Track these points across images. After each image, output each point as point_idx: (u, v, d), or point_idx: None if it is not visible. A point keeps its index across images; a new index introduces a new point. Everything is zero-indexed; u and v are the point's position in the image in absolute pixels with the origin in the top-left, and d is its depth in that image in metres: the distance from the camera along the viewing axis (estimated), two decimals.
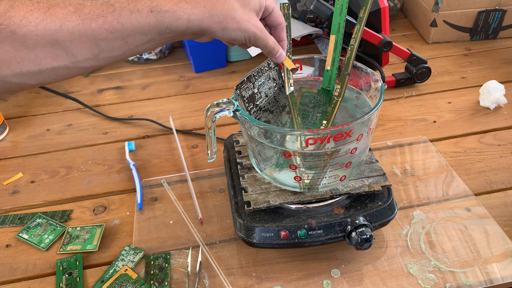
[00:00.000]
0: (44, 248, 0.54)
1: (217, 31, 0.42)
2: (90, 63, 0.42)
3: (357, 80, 0.51)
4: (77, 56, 0.40)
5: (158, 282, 0.49)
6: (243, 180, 0.52)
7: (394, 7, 1.07)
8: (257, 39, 0.44)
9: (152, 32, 0.41)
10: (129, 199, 0.62)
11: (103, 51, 0.41)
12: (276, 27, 0.48)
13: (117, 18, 0.40)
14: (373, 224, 0.48)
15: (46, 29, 0.38)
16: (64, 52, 0.40)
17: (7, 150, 0.73)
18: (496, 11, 0.93)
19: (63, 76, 0.42)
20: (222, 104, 0.45)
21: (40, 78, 0.41)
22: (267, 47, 0.46)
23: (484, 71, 0.87)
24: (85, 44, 0.40)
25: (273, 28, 0.48)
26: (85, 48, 0.40)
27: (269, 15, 0.47)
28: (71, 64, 0.41)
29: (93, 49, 0.40)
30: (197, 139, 0.73)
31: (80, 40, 0.39)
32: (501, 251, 0.51)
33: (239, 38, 0.43)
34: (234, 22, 0.42)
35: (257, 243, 0.47)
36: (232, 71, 0.92)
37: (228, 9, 0.42)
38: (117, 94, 0.86)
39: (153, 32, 0.41)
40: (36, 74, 0.40)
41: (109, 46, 0.41)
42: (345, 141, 0.43)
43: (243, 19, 0.43)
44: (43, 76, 0.41)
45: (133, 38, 0.41)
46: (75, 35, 0.39)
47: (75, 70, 0.42)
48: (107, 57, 0.42)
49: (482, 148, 0.67)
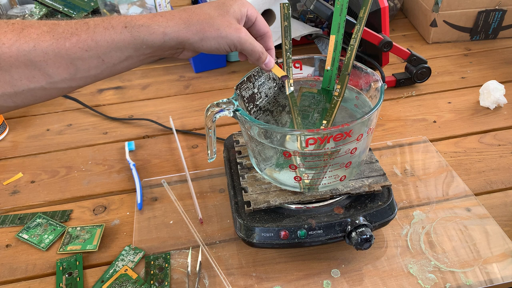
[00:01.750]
0: (44, 248, 0.54)
1: (196, 41, 0.41)
2: (68, 84, 0.41)
3: (357, 80, 0.51)
4: (53, 76, 0.39)
5: (158, 282, 0.49)
6: (243, 180, 0.52)
7: (394, 7, 1.07)
8: (243, 43, 0.42)
9: (128, 48, 0.40)
10: (129, 199, 0.62)
11: (80, 71, 0.40)
12: (262, 37, 0.46)
13: (91, 36, 0.39)
14: (373, 224, 0.48)
15: (19, 50, 0.37)
16: (39, 73, 0.39)
17: (7, 150, 0.73)
18: (496, 11, 0.93)
19: (41, 97, 0.41)
20: (222, 104, 0.45)
21: (17, 100, 0.40)
22: (255, 52, 0.44)
23: (484, 71, 0.87)
24: (61, 64, 0.39)
25: (259, 38, 0.46)
26: (61, 68, 0.39)
27: (252, 25, 0.45)
28: (47, 85, 0.40)
29: (69, 69, 0.39)
30: (197, 139, 0.73)
31: (55, 60, 0.38)
32: (501, 251, 0.51)
33: (222, 47, 0.42)
34: (213, 30, 0.41)
35: (257, 243, 0.47)
36: (232, 71, 0.92)
37: (205, 18, 0.41)
38: (117, 94, 0.86)
39: (129, 49, 0.40)
40: (12, 96, 0.39)
41: (85, 65, 0.40)
42: (345, 141, 0.43)
43: (223, 26, 0.41)
44: (20, 98, 0.40)
45: (109, 55, 0.40)
46: (49, 55, 0.38)
47: (53, 91, 0.41)
48: (85, 77, 0.41)
49: (482, 148, 0.67)
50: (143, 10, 0.94)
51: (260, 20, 0.45)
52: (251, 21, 0.45)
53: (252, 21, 0.45)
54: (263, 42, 0.47)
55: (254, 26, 0.46)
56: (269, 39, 0.47)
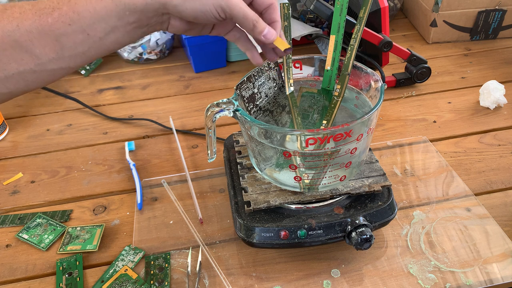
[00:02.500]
0: (44, 248, 0.54)
1: (179, 3, 0.38)
2: (57, 64, 0.40)
3: (357, 80, 0.51)
4: (40, 57, 0.39)
5: (158, 282, 0.49)
6: (243, 180, 0.52)
7: (394, 7, 1.07)
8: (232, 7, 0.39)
9: (112, 17, 0.38)
10: (129, 199, 0.62)
11: (66, 48, 0.39)
12: (266, 9, 0.43)
13: (73, 8, 0.38)
14: (373, 224, 0.48)
15: (3, 31, 0.37)
16: (27, 54, 0.38)
17: (7, 150, 0.73)
18: (496, 11, 0.93)
19: (33, 82, 0.41)
20: (222, 104, 0.45)
21: (9, 85, 0.40)
22: (248, 19, 0.40)
23: (484, 71, 0.87)
24: (46, 42, 0.38)
25: (264, 11, 0.44)
26: (47, 46, 0.38)
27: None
28: (37, 67, 0.39)
29: (55, 47, 0.39)
30: (197, 139, 0.73)
31: (40, 38, 0.38)
32: (501, 251, 0.51)
33: (208, 10, 0.39)
34: None
35: (257, 243, 0.47)
36: (232, 71, 0.92)
37: None
38: (117, 94, 0.86)
39: (113, 17, 0.39)
40: (4, 81, 0.39)
41: (71, 41, 0.39)
42: (345, 141, 0.43)
43: None
44: (12, 83, 0.40)
45: (94, 28, 0.39)
46: (34, 33, 0.37)
47: (44, 74, 0.40)
48: (73, 55, 0.40)
49: (482, 148, 0.67)
50: None
51: None
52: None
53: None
54: (267, 14, 0.44)
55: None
56: (274, 10, 0.44)
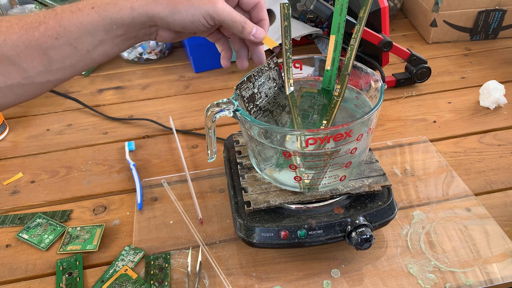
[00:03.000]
0: (44, 248, 0.54)
1: (167, 15, 0.38)
2: (45, 77, 0.40)
3: (357, 80, 0.51)
4: (28, 70, 0.38)
5: (158, 282, 0.49)
6: (243, 180, 0.52)
7: (394, 7, 1.07)
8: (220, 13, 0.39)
9: (98, 30, 0.38)
10: (129, 199, 0.62)
11: (54, 62, 0.39)
12: (253, 8, 0.44)
13: (59, 22, 0.38)
14: (373, 224, 0.48)
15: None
16: (14, 68, 0.38)
17: (7, 150, 0.73)
18: (496, 11, 0.93)
19: (22, 95, 0.40)
20: (222, 104, 0.45)
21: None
22: (236, 23, 0.40)
23: (484, 71, 0.87)
24: (33, 56, 0.38)
25: (251, 10, 0.44)
26: (35, 60, 0.38)
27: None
28: (24, 81, 0.39)
29: (43, 61, 0.38)
30: (197, 139, 0.73)
31: (27, 52, 0.38)
32: (501, 251, 0.51)
33: (196, 19, 0.39)
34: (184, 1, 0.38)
35: (257, 243, 0.47)
36: (232, 71, 0.92)
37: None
38: (117, 94, 0.86)
39: (99, 31, 0.38)
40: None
41: (59, 55, 0.39)
42: (345, 141, 0.43)
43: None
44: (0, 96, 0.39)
45: (81, 41, 0.38)
46: (20, 47, 0.37)
47: (32, 87, 0.40)
48: (61, 68, 0.40)
49: (482, 148, 0.67)
50: None
51: None
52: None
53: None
54: (255, 13, 0.44)
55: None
56: (261, 9, 0.44)
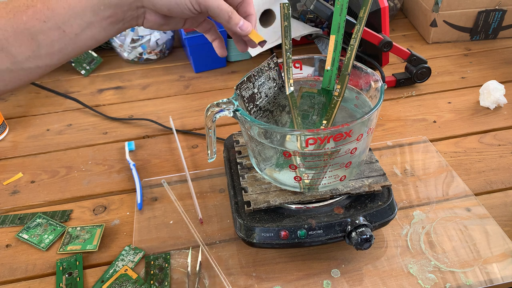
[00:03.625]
0: (44, 248, 0.54)
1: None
2: (34, 62, 0.39)
3: (357, 80, 0.51)
4: (16, 56, 0.38)
5: (158, 282, 0.49)
6: (243, 180, 0.52)
7: (394, 7, 1.07)
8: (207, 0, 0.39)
9: (86, 12, 0.38)
10: (129, 199, 0.62)
11: (43, 46, 0.38)
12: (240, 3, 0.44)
13: (47, 5, 0.37)
14: (373, 224, 0.48)
15: None
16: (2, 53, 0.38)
17: (7, 150, 0.73)
18: (496, 11, 0.93)
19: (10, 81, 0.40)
20: (222, 104, 0.45)
21: None
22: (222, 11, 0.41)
23: (484, 71, 0.87)
24: (22, 40, 0.38)
25: (239, 5, 0.44)
26: (23, 45, 0.38)
27: None
28: (13, 66, 0.39)
29: (31, 45, 0.38)
30: (197, 139, 0.73)
31: (15, 36, 0.37)
32: (501, 251, 0.51)
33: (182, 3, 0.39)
34: None
35: (257, 243, 0.47)
36: (232, 71, 0.92)
37: None
38: (117, 94, 0.86)
39: (87, 13, 0.38)
40: None
41: (47, 39, 0.38)
42: (345, 141, 0.43)
43: None
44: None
45: (69, 24, 0.38)
46: (9, 31, 0.37)
47: (21, 73, 0.40)
48: (50, 53, 0.39)
49: (482, 148, 0.67)
50: None
51: None
52: None
53: None
54: (242, 8, 0.45)
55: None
56: (248, 5, 0.44)
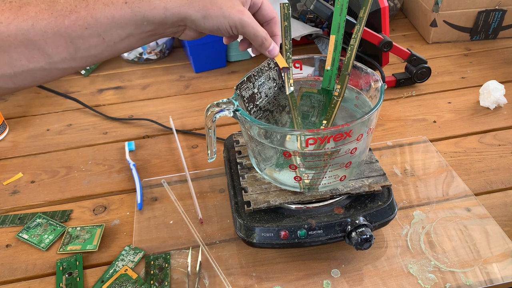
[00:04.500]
0: (44, 248, 0.54)
1: (198, 19, 0.40)
2: (68, 64, 0.40)
3: (357, 80, 0.51)
4: (52, 56, 0.38)
5: (158, 282, 0.49)
6: (243, 180, 0.52)
7: (394, 7, 1.07)
8: (245, 26, 0.41)
9: (129, 25, 0.39)
10: (129, 199, 0.62)
11: (80, 50, 0.39)
12: (268, 22, 0.46)
13: (91, 13, 0.37)
14: (373, 224, 0.48)
15: (18, 28, 0.36)
16: (39, 53, 0.38)
17: (7, 150, 0.73)
18: (496, 11, 0.93)
19: (41, 78, 0.40)
20: (222, 104, 0.45)
21: (17, 81, 0.39)
22: (258, 37, 0.43)
23: (484, 71, 0.87)
24: (60, 42, 0.38)
25: (265, 24, 0.46)
26: (61, 47, 0.38)
27: (258, 9, 0.45)
28: (47, 66, 0.39)
29: (69, 48, 0.38)
30: (197, 139, 0.73)
31: (54, 38, 0.37)
32: (501, 251, 0.51)
33: (223, 27, 0.41)
34: (216, 8, 0.40)
35: (257, 243, 0.47)
36: (232, 71, 0.92)
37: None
38: (117, 94, 0.86)
39: (130, 25, 0.39)
40: (12, 77, 0.39)
41: (86, 44, 0.39)
42: (345, 141, 0.43)
43: (226, 5, 0.40)
44: (20, 79, 0.39)
45: (110, 33, 0.39)
46: (49, 33, 0.37)
47: (53, 72, 0.40)
48: (85, 57, 0.40)
49: (482, 148, 0.67)
50: None
51: (266, 4, 0.45)
52: (257, 5, 0.44)
53: (258, 6, 0.45)
54: (269, 27, 0.46)
55: (260, 11, 0.45)
56: (275, 25, 0.46)
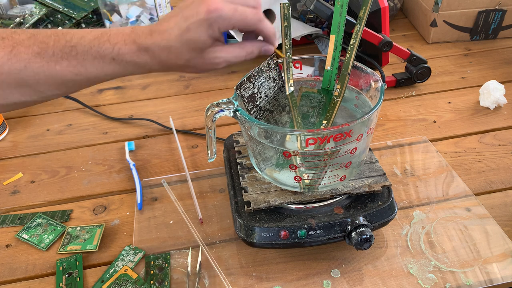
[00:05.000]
0: (44, 248, 0.54)
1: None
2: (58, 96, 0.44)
3: (357, 80, 0.51)
4: (44, 92, 0.42)
5: (158, 282, 0.49)
6: (243, 180, 0.52)
7: (394, 7, 1.07)
8: None
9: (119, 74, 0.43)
10: (129, 199, 0.62)
11: (69, 88, 0.43)
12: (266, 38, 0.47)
13: (81, 62, 0.40)
14: (373, 224, 0.48)
15: (11, 68, 0.39)
16: (31, 90, 0.41)
17: (7, 150, 0.73)
18: (496, 11, 0.93)
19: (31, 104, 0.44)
20: (222, 104, 0.45)
21: (8, 109, 0.43)
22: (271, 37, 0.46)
23: (484, 71, 0.87)
24: (52, 83, 0.41)
25: None
26: (53, 86, 0.41)
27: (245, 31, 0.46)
28: (40, 99, 0.43)
29: (59, 87, 0.42)
30: (197, 139, 0.73)
31: (46, 80, 0.40)
32: (501, 251, 0.51)
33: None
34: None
35: (257, 243, 0.47)
36: (232, 71, 0.92)
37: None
38: (117, 94, 0.86)
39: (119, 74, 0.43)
40: (4, 107, 0.42)
41: (76, 85, 0.42)
42: (345, 141, 0.43)
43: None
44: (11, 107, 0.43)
45: (98, 78, 0.42)
46: (40, 75, 0.40)
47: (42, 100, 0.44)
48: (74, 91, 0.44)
49: (482, 148, 0.67)
50: (143, 10, 0.94)
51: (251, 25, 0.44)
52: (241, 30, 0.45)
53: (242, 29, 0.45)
54: None
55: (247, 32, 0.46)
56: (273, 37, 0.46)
